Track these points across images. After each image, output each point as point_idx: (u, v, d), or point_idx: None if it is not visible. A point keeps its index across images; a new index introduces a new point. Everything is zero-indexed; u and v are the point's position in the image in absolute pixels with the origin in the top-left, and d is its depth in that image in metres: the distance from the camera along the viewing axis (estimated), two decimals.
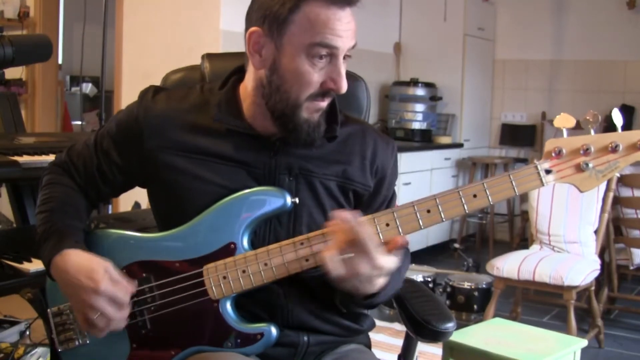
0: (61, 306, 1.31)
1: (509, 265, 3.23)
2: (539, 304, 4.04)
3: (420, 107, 5.45)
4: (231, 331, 1.23)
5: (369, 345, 1.46)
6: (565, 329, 3.11)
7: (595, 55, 5.56)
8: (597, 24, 5.50)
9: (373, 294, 1.20)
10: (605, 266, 3.66)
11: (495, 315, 3.20)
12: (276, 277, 1.22)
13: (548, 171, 1.19)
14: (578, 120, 1.21)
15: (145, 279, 1.27)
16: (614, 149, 1.17)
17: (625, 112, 5.22)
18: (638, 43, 5.36)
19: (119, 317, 1.21)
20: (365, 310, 1.36)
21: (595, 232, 3.38)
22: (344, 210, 1.15)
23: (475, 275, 4.06)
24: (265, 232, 1.27)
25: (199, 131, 1.29)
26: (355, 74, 1.60)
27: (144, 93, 1.36)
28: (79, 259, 1.22)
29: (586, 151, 1.18)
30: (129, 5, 4.25)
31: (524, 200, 4.15)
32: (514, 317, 3.54)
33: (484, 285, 3.78)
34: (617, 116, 1.20)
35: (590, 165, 1.18)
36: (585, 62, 5.62)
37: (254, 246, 1.25)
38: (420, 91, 5.46)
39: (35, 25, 4.83)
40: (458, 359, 2.32)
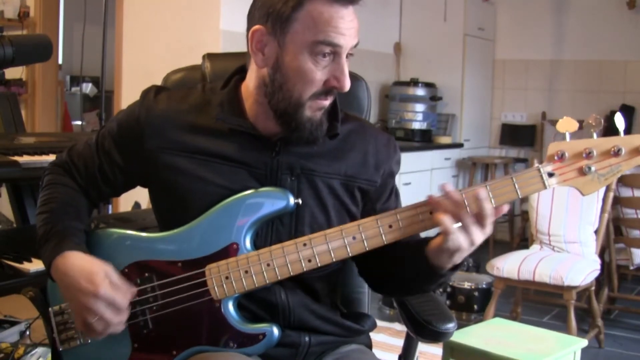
0: (62, 305, 1.31)
1: (509, 265, 3.23)
2: (539, 304, 4.04)
3: (420, 107, 5.45)
4: (233, 331, 1.23)
5: (369, 345, 1.46)
6: (565, 329, 3.11)
7: (595, 55, 5.56)
8: (597, 24, 5.50)
9: (455, 266, 1.22)
10: (605, 266, 3.66)
11: (495, 315, 3.20)
12: (278, 278, 1.22)
13: (551, 174, 1.19)
14: (581, 121, 1.21)
15: (147, 279, 1.27)
16: (617, 153, 1.18)
17: (626, 112, 5.21)
18: (638, 43, 5.36)
19: (117, 322, 1.21)
20: (438, 282, 1.30)
21: (596, 232, 3.38)
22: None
23: (475, 275, 4.06)
24: (267, 233, 1.27)
25: (200, 131, 1.29)
26: (356, 74, 1.60)
27: (145, 93, 1.36)
28: (79, 262, 1.21)
29: (589, 155, 1.19)
30: (129, 5, 4.25)
31: (524, 200, 4.15)
32: (514, 317, 3.54)
33: (484, 285, 3.78)
34: (620, 120, 1.21)
35: (593, 168, 1.19)
36: (585, 62, 5.61)
37: (256, 246, 1.25)
38: (420, 91, 5.46)
39: (35, 25, 4.82)
40: (458, 359, 2.33)
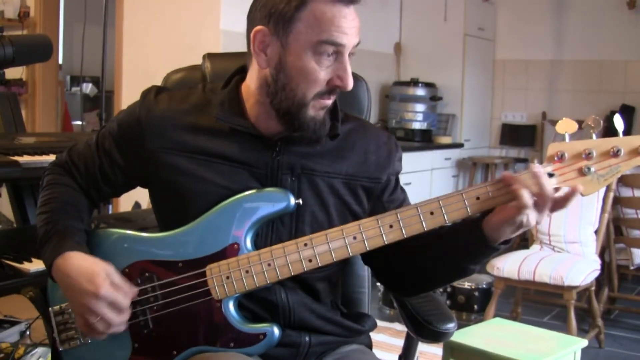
0: (62, 305, 1.31)
1: (509, 265, 3.23)
2: (539, 304, 4.04)
3: (420, 107, 5.45)
4: (233, 331, 1.23)
5: (370, 345, 1.47)
6: (566, 329, 3.11)
7: (596, 55, 5.56)
8: (597, 24, 5.50)
9: (507, 241, 1.23)
10: (605, 266, 3.66)
11: (495, 315, 3.20)
12: (279, 278, 1.22)
13: (551, 175, 1.20)
14: (581, 122, 1.22)
15: (147, 279, 1.27)
16: (616, 154, 1.18)
17: (626, 112, 5.21)
18: (638, 43, 5.35)
19: (119, 322, 1.21)
20: (489, 256, 1.31)
21: (596, 232, 3.38)
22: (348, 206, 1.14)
23: (475, 275, 4.05)
24: (268, 233, 1.27)
25: (200, 131, 1.29)
26: (356, 74, 1.60)
27: (146, 93, 1.35)
28: (80, 262, 1.21)
29: (588, 155, 1.19)
30: (129, 5, 4.24)
31: None
32: (514, 317, 3.54)
33: (484, 286, 3.78)
34: (619, 121, 1.21)
35: (592, 169, 1.19)
36: (586, 62, 5.61)
37: (256, 246, 1.25)
38: (420, 91, 5.46)
39: (36, 25, 4.82)
40: (458, 359, 2.33)
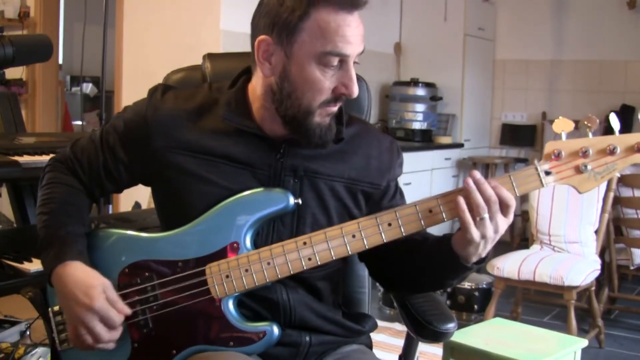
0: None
1: (510, 265, 3.23)
2: (540, 304, 4.04)
3: (420, 107, 5.45)
4: (233, 330, 1.23)
5: (370, 345, 1.47)
6: (566, 329, 3.11)
7: (596, 55, 5.56)
8: (597, 24, 5.50)
9: (481, 260, 1.22)
10: (605, 266, 3.66)
11: (495, 315, 3.20)
12: (279, 277, 1.23)
13: (548, 172, 1.21)
14: (578, 121, 1.22)
15: (147, 278, 1.27)
16: (612, 152, 1.19)
17: (626, 112, 5.20)
18: (638, 43, 5.35)
19: (108, 338, 1.22)
20: (463, 274, 1.29)
21: (596, 232, 3.38)
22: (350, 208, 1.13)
23: (475, 275, 4.05)
24: (268, 233, 1.27)
25: (206, 131, 1.29)
26: (357, 74, 1.59)
27: (152, 91, 1.35)
28: (79, 273, 1.22)
29: (585, 153, 1.20)
30: (129, 5, 4.24)
31: (525, 200, 4.14)
32: (514, 317, 3.54)
33: (485, 285, 3.78)
34: (615, 120, 1.23)
35: (589, 167, 1.20)
36: (586, 62, 5.61)
37: (256, 246, 1.25)
38: (420, 91, 5.46)
39: (36, 25, 4.82)
40: (458, 359, 2.33)
